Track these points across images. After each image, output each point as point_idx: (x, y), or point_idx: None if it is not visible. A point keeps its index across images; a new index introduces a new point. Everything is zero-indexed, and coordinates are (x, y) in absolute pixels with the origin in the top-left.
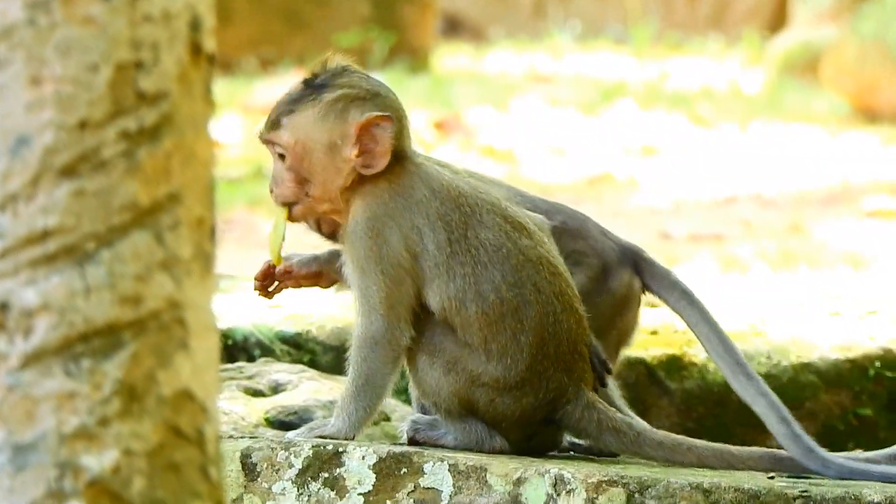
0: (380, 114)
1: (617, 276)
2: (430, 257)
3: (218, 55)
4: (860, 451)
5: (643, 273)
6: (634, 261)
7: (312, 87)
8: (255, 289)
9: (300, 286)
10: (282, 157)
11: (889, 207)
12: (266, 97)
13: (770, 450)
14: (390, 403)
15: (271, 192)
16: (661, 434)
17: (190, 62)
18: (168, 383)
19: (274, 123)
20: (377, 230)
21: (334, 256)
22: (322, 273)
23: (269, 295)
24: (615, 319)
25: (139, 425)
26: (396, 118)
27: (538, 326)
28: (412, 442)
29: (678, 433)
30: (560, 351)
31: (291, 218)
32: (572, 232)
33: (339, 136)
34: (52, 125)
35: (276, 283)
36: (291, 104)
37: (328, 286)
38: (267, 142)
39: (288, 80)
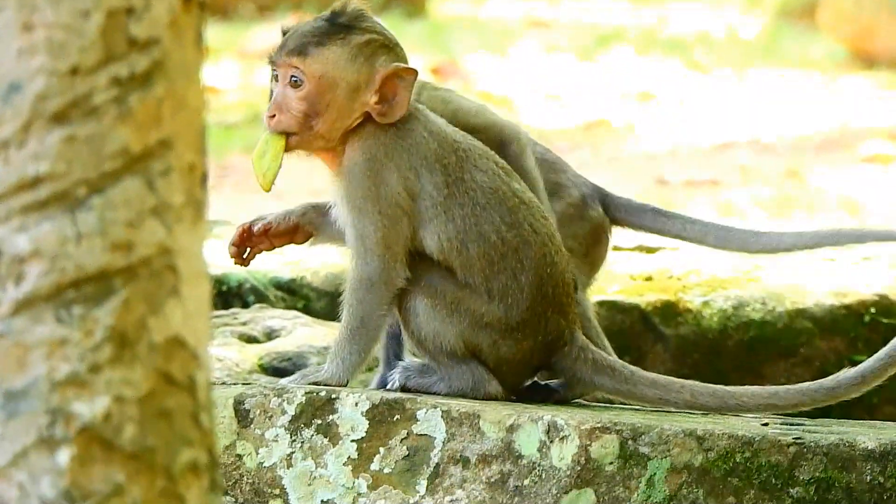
0: (406, 66)
1: (593, 206)
2: (429, 198)
3: (215, 0)
4: None
5: (611, 207)
6: (602, 196)
7: (338, 26)
8: (231, 255)
9: (274, 247)
10: (296, 84)
11: (886, 152)
12: (263, 42)
13: (764, 387)
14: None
15: (271, 117)
16: (654, 374)
17: (181, 8)
18: (159, 330)
19: (300, 50)
20: (375, 170)
21: (307, 210)
22: (298, 227)
23: (244, 262)
24: (590, 249)
25: (130, 372)
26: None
27: (537, 266)
28: (403, 389)
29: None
30: (556, 293)
31: (288, 148)
32: (550, 164)
33: (364, 79)
34: (44, 71)
35: (250, 249)
36: (320, 37)
37: (303, 241)
38: (285, 65)
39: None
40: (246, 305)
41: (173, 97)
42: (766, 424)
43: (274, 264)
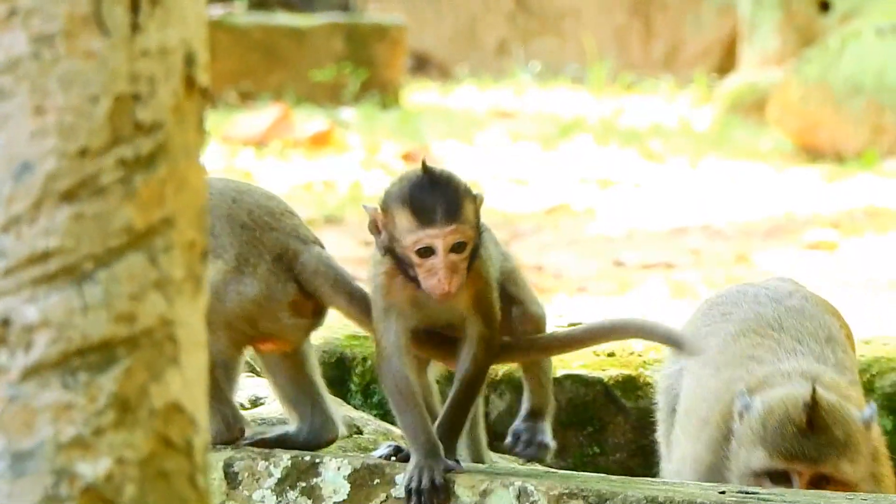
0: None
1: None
2: None
3: None
4: None
5: None
6: None
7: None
8: None
9: None
10: (460, 247)
11: (829, 239)
12: (245, 129)
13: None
14: (363, 417)
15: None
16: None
17: (184, 95)
18: (159, 396)
19: (457, 214)
20: None
21: None
22: None
23: None
24: None
25: (132, 435)
26: None
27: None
28: None
29: (634, 450)
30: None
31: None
32: None
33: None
34: (55, 152)
35: None
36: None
37: None
38: (451, 233)
39: (266, 113)
40: None
41: (176, 178)
42: (723, 493)
43: None
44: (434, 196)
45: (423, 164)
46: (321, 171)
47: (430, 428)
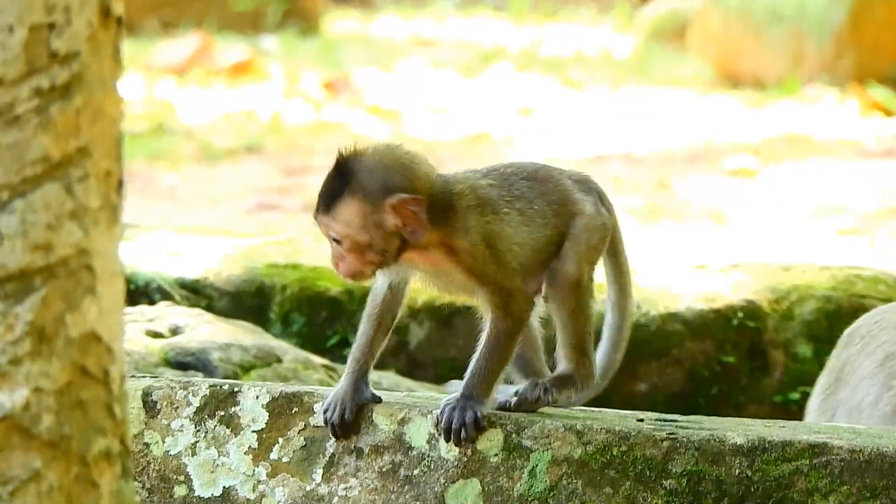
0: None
1: None
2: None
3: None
4: None
5: None
6: None
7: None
8: None
9: None
10: (337, 241)
11: (749, 166)
12: (165, 58)
13: None
14: (283, 346)
15: (336, 267)
16: None
17: (99, 24)
18: (76, 326)
19: (329, 210)
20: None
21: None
22: None
23: None
24: None
25: (48, 365)
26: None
27: None
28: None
29: None
30: None
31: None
32: None
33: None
34: None
35: None
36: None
37: None
38: (322, 224)
39: (187, 42)
40: (152, 303)
41: (91, 108)
42: (641, 420)
43: (179, 265)
44: (324, 185)
45: (340, 153)
46: (242, 100)
47: None
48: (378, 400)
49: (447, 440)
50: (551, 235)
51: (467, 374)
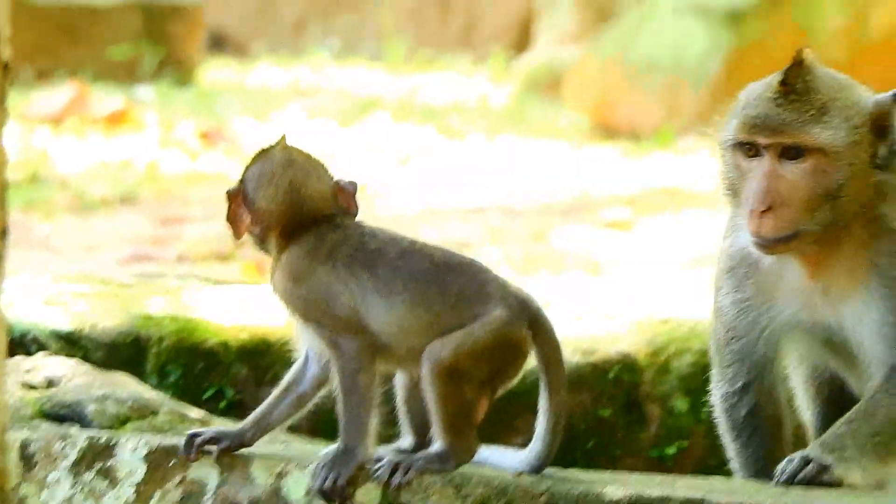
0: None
1: None
2: None
3: None
4: None
5: None
6: None
7: None
8: None
9: None
10: None
11: (625, 218)
12: (41, 106)
13: None
14: (158, 397)
15: None
16: None
17: None
18: None
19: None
20: None
21: None
22: None
23: None
24: None
25: None
26: None
27: None
28: None
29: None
30: None
31: None
32: None
33: None
34: None
35: None
36: None
37: None
38: None
39: (62, 91)
40: (29, 354)
41: None
42: (519, 475)
43: (55, 315)
44: None
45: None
46: (118, 149)
47: None
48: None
49: (324, 500)
50: (430, 320)
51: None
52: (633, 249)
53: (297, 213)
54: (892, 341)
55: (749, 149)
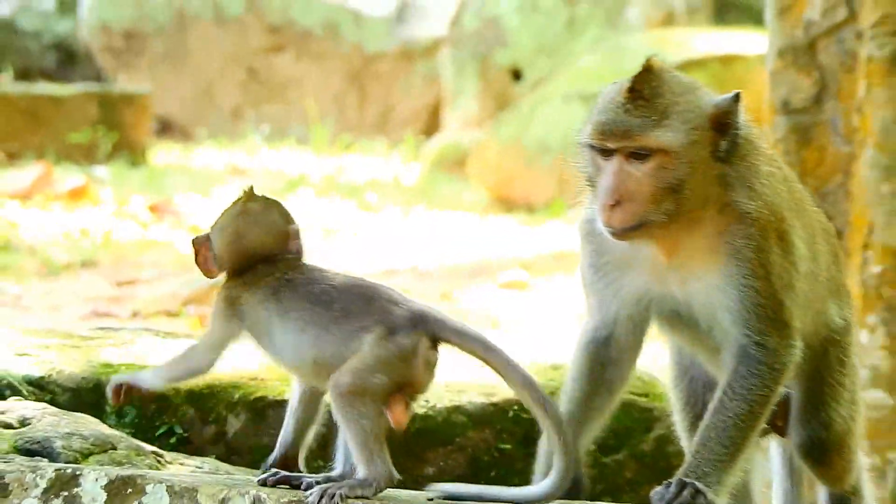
0: None
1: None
2: None
3: None
4: None
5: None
6: None
7: None
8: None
9: None
10: None
11: (521, 279)
12: (10, 184)
13: None
14: (117, 434)
15: None
16: None
17: None
18: None
19: None
20: None
21: None
22: None
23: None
24: None
25: None
26: None
27: None
28: None
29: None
30: None
31: None
32: None
33: None
34: None
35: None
36: None
37: None
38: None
39: (30, 170)
40: (3, 398)
41: None
42: (430, 500)
43: (26, 364)
44: None
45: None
46: (78, 220)
47: None
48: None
49: None
50: (318, 333)
51: None
52: (529, 306)
53: (243, 256)
54: (743, 320)
55: (602, 150)
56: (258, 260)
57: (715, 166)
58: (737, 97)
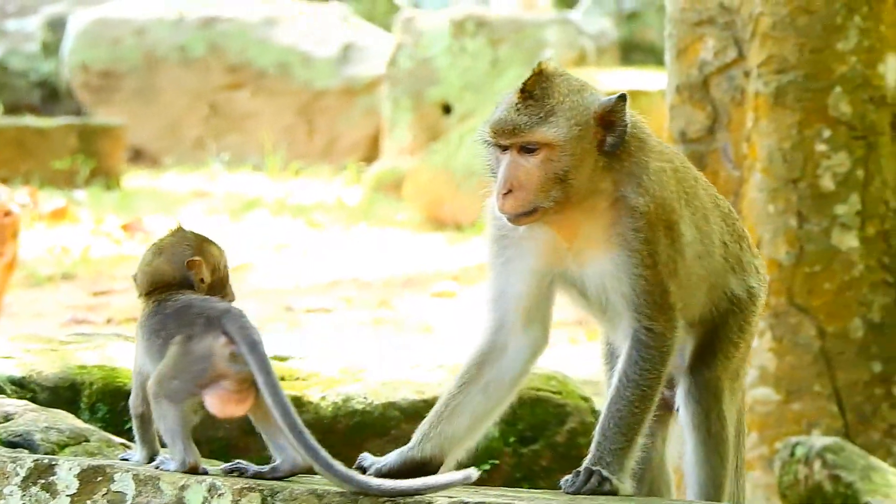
0: None
1: None
2: None
3: None
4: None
5: None
6: None
7: None
8: None
9: None
10: None
11: (451, 290)
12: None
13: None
14: (90, 428)
15: None
16: None
17: None
18: None
19: None
20: None
21: None
22: None
23: None
24: None
25: None
26: None
27: None
28: None
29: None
30: None
31: None
32: None
33: None
34: None
35: None
36: None
37: None
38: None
39: (18, 194)
40: None
41: None
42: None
43: (9, 366)
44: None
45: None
46: (59, 238)
47: None
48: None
49: None
50: (161, 344)
51: None
52: (458, 314)
53: (148, 283)
54: (634, 306)
55: (497, 145)
56: (160, 287)
57: (601, 159)
58: (622, 97)
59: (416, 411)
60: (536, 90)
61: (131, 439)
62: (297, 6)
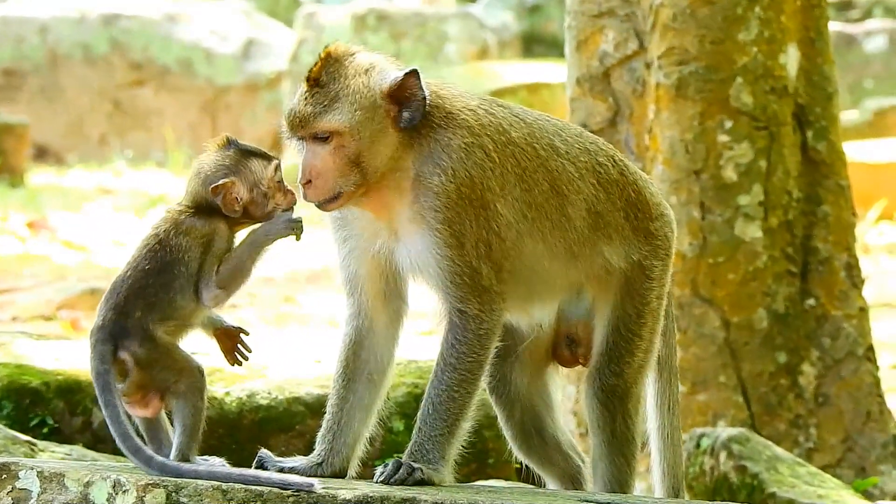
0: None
1: None
2: None
3: None
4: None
5: None
6: None
7: None
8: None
9: None
10: None
11: None
12: None
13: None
14: (2, 430)
15: None
16: None
17: None
18: None
19: None
20: None
21: None
22: None
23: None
24: None
25: None
26: None
27: None
28: None
29: (204, 451)
30: None
31: None
32: None
33: None
34: None
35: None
36: None
37: None
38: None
39: None
40: None
41: None
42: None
43: None
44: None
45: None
46: None
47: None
48: None
49: None
50: None
51: None
52: None
53: (191, 199)
54: (444, 286)
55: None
56: (204, 207)
57: (401, 136)
58: (413, 72)
59: (320, 406)
60: (322, 77)
61: (36, 436)
62: (198, 3)
